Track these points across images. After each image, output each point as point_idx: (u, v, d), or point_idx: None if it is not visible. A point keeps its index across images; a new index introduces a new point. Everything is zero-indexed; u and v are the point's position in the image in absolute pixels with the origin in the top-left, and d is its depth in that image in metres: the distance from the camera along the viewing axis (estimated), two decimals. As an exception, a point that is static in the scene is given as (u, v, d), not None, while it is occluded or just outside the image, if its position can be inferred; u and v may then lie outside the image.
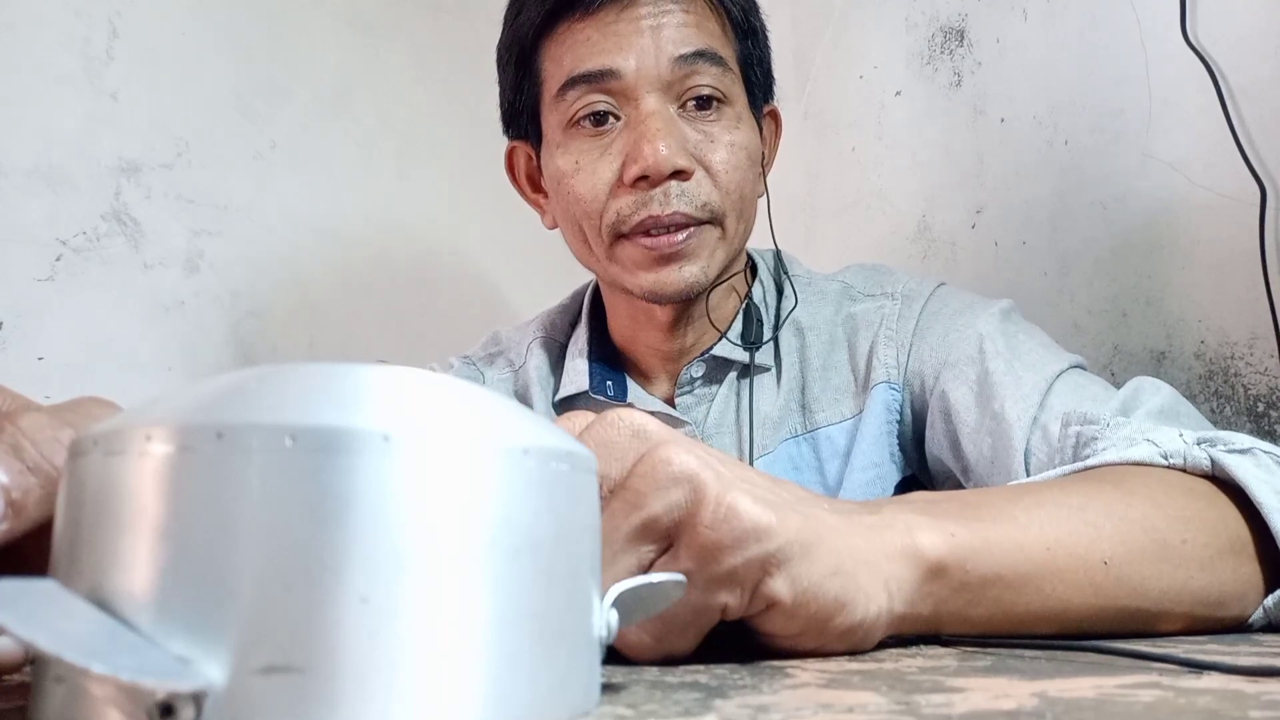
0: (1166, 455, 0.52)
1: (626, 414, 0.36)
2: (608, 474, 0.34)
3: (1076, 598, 0.43)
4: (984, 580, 0.41)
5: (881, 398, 0.74)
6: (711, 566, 0.33)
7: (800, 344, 0.79)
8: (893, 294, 0.78)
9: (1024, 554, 0.42)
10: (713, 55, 0.73)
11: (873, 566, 0.37)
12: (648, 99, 0.71)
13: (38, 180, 0.99)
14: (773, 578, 0.34)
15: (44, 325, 0.98)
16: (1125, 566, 0.45)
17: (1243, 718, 0.23)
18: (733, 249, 0.76)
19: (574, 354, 0.84)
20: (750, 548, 0.33)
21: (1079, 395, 0.64)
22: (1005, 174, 1.10)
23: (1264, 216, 0.85)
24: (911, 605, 0.39)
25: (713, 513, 0.33)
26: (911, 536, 0.39)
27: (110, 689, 0.21)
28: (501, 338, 0.90)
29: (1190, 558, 0.46)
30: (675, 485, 0.33)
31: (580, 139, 0.73)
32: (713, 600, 0.34)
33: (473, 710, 0.22)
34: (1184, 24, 0.91)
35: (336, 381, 0.24)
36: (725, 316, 0.80)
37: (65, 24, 1.02)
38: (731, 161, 0.73)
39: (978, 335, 0.71)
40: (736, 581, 0.33)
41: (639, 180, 0.70)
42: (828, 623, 0.36)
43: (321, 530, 0.21)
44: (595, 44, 0.72)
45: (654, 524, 0.33)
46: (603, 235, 0.73)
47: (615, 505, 0.34)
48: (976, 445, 0.67)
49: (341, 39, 1.22)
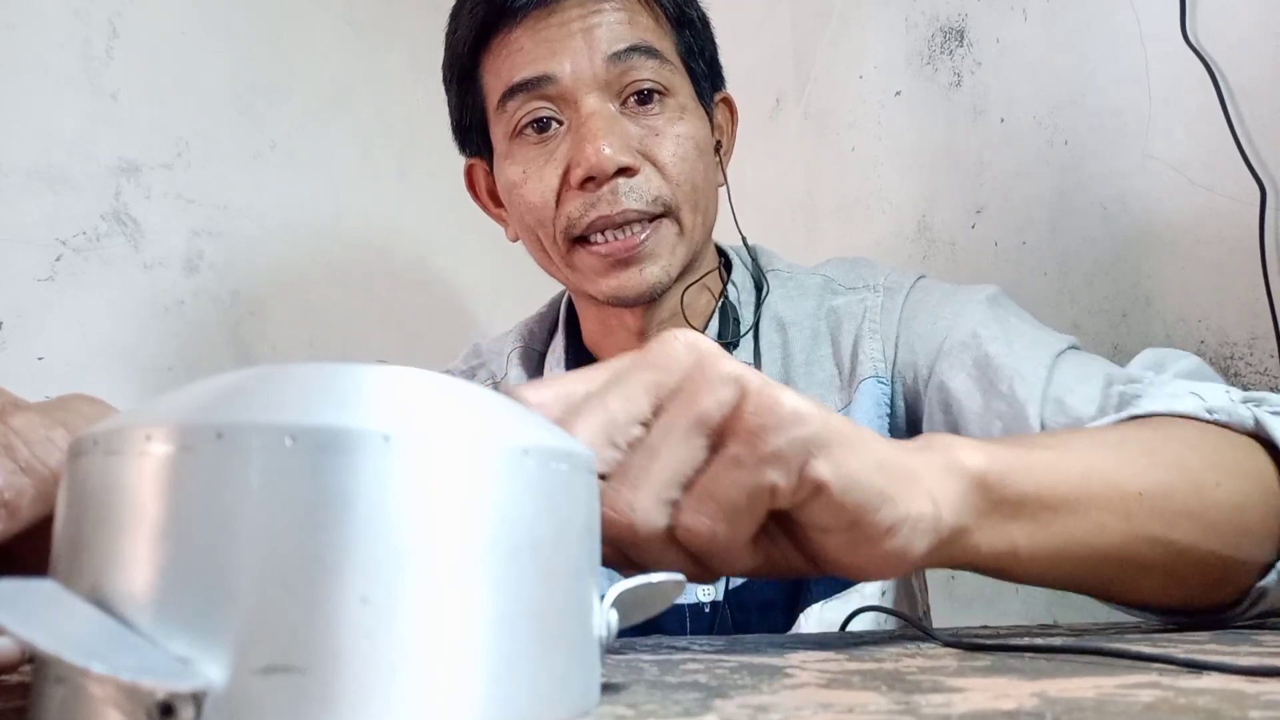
0: (1211, 410, 0.53)
1: (681, 332, 0.38)
2: (664, 382, 0.37)
3: (1111, 523, 0.44)
4: (1022, 497, 0.42)
5: (870, 392, 0.74)
6: (759, 446, 0.35)
7: (783, 339, 0.79)
8: (874, 286, 0.78)
9: (1061, 476, 0.44)
10: (647, 49, 0.73)
11: (915, 474, 0.39)
12: (587, 100, 0.71)
13: (38, 180, 0.99)
14: (816, 459, 0.36)
15: (44, 325, 0.98)
16: (1158, 500, 0.46)
17: (1243, 718, 0.23)
18: (693, 243, 0.75)
19: (552, 364, 0.84)
20: (791, 429, 0.35)
21: (1086, 369, 0.64)
22: (1005, 174, 1.10)
23: (1264, 216, 0.85)
24: (957, 516, 0.40)
25: (757, 401, 0.35)
26: (952, 453, 0.41)
27: (110, 689, 0.21)
28: (482, 350, 0.90)
29: (1222, 502, 0.48)
30: (724, 384, 0.36)
31: (525, 147, 0.74)
32: (762, 479, 0.35)
33: (472, 710, 0.22)
34: (1184, 24, 0.91)
35: (336, 381, 0.24)
36: (699, 314, 0.79)
37: (65, 24, 1.02)
38: (679, 153, 0.73)
39: (970, 322, 0.70)
40: (782, 460, 0.35)
41: (585, 182, 0.70)
42: (874, 514, 0.37)
43: (321, 530, 0.21)
44: (528, 52, 0.72)
45: (706, 419, 0.36)
46: (558, 242, 0.73)
47: (672, 405, 0.36)
48: (985, 429, 0.67)
49: (341, 39, 1.22)
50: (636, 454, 0.36)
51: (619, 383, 0.37)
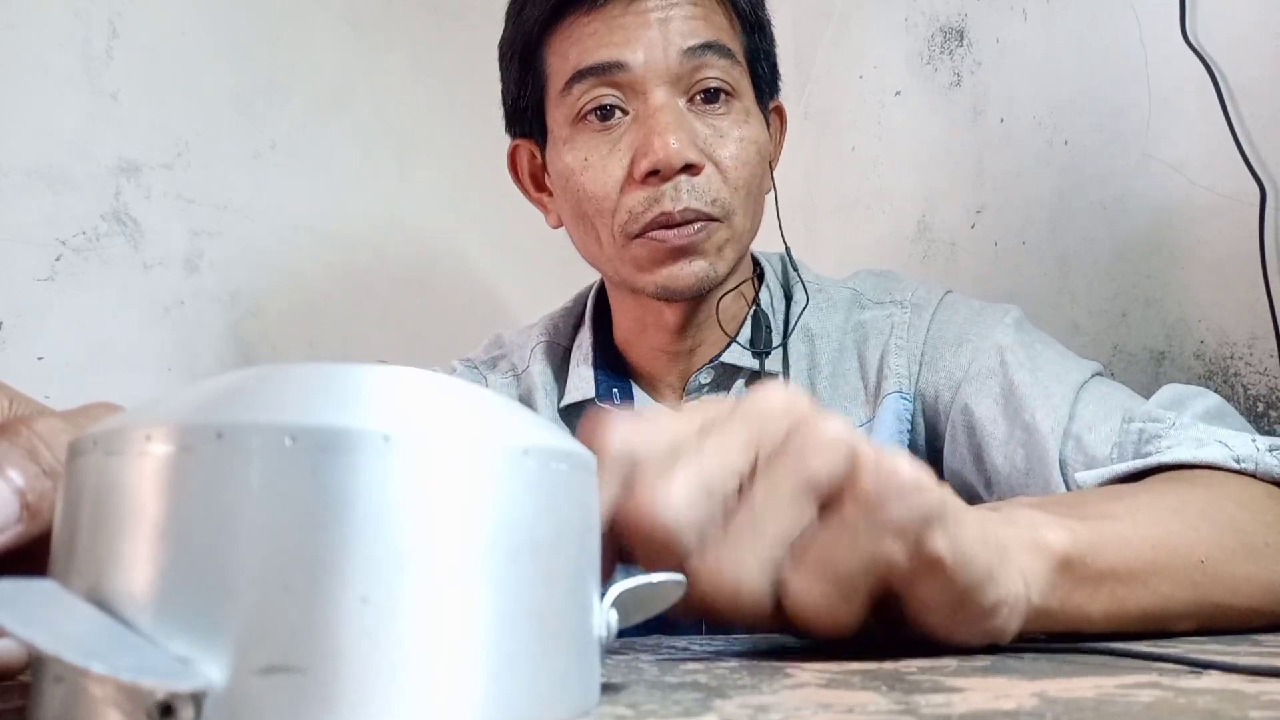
0: (1239, 459, 0.54)
1: (779, 388, 0.37)
2: (763, 439, 0.35)
3: (1178, 594, 0.44)
4: (1101, 575, 0.41)
5: (893, 407, 0.74)
6: (878, 515, 0.33)
7: (810, 351, 0.79)
8: (902, 302, 0.78)
9: (1133, 550, 0.43)
10: (721, 48, 0.72)
11: (1009, 552, 0.38)
12: (656, 92, 0.71)
13: (38, 180, 0.99)
14: (934, 531, 0.34)
15: (44, 325, 0.98)
16: (1220, 565, 0.46)
17: (1243, 718, 0.23)
18: (741, 247, 0.75)
19: (578, 360, 0.83)
20: (912, 499, 0.33)
21: (1108, 404, 0.65)
22: (1005, 174, 1.10)
23: (1264, 216, 0.85)
24: (1043, 597, 0.39)
25: (875, 467, 0.34)
26: (1037, 531, 0.40)
27: (110, 689, 0.21)
28: (504, 341, 0.90)
29: (1274, 559, 0.48)
30: (834, 448, 0.34)
31: (587, 134, 0.73)
32: (880, 549, 0.34)
33: (472, 710, 0.22)
34: (1184, 24, 0.91)
35: (336, 381, 0.24)
36: (733, 322, 0.79)
37: (65, 24, 1.02)
38: (741, 157, 0.72)
39: (996, 347, 0.71)
40: (901, 531, 0.34)
41: (649, 175, 0.70)
42: (979, 592, 0.35)
43: (321, 530, 0.21)
44: (601, 37, 0.71)
45: (815, 482, 0.34)
46: (615, 234, 0.73)
47: (776, 466, 0.34)
48: (1008, 457, 0.67)
49: (341, 39, 1.22)
50: (740, 514, 0.34)
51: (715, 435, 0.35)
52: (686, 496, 0.33)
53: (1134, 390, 0.69)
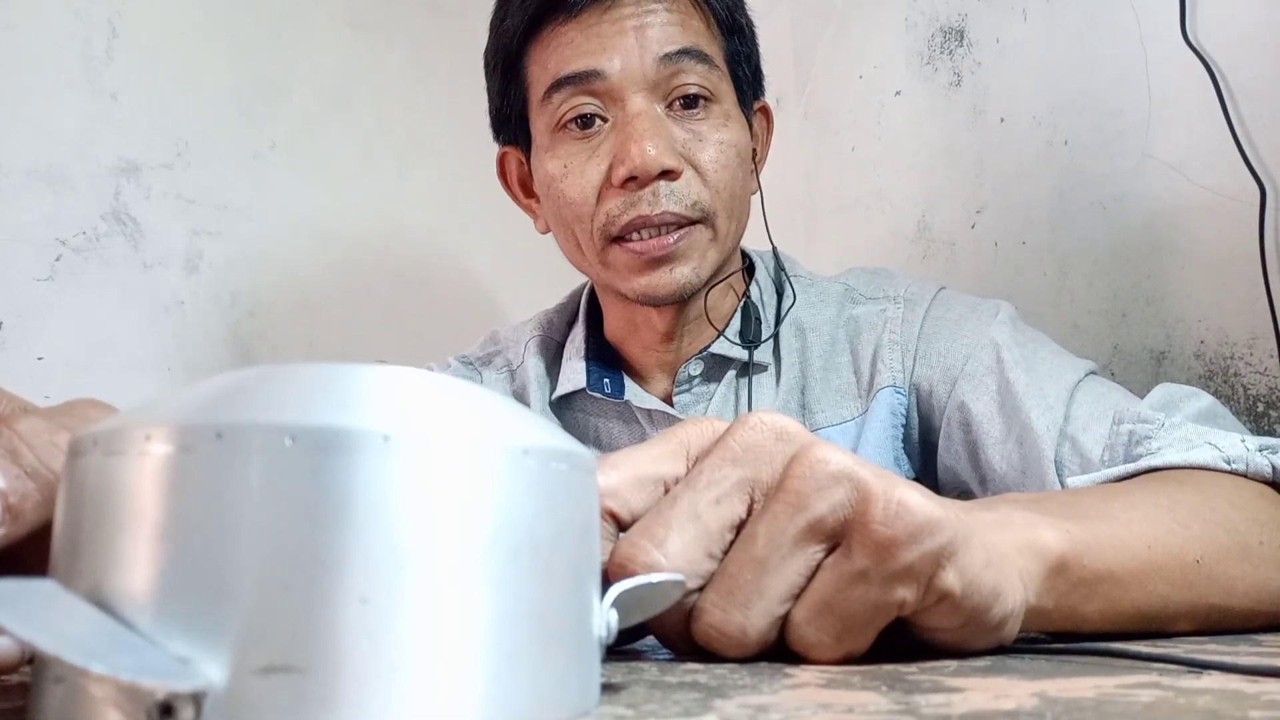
0: (1229, 460, 0.54)
1: (767, 416, 0.35)
2: (758, 478, 0.34)
3: (1175, 595, 0.45)
4: (1097, 576, 0.41)
5: (886, 401, 0.74)
6: (889, 562, 0.32)
7: (801, 344, 0.79)
8: (895, 297, 0.78)
9: (1129, 551, 0.43)
10: (698, 53, 0.73)
11: (1009, 559, 0.38)
12: (634, 99, 0.71)
13: (38, 180, 0.99)
14: (945, 570, 0.33)
15: (44, 325, 0.98)
16: (1215, 565, 0.46)
17: (1243, 718, 0.23)
18: (725, 249, 0.75)
19: (571, 353, 0.84)
20: (925, 541, 0.32)
21: (1101, 404, 0.65)
22: (1005, 174, 1.10)
23: (1264, 216, 0.85)
24: (1039, 598, 0.39)
25: (884, 509, 0.32)
26: (1034, 532, 0.40)
27: (110, 689, 0.20)
28: (499, 338, 0.90)
29: (1268, 559, 0.49)
30: (836, 484, 0.32)
31: (568, 142, 0.74)
32: (892, 596, 0.33)
33: (472, 710, 0.22)
34: (1184, 24, 0.91)
35: (336, 381, 0.24)
36: (723, 315, 0.80)
37: (65, 24, 1.02)
38: (720, 160, 0.73)
39: (992, 344, 0.71)
40: (914, 576, 0.33)
41: (627, 181, 0.70)
42: (987, 613, 0.35)
43: (321, 530, 0.21)
44: (579, 46, 0.72)
45: (820, 524, 0.32)
46: (594, 239, 0.73)
47: (777, 508, 0.33)
48: (1004, 456, 0.68)
49: (341, 39, 1.22)
50: (744, 570, 0.33)
51: (705, 483, 0.33)
52: (688, 563, 0.32)
53: (1133, 391, 0.69)
